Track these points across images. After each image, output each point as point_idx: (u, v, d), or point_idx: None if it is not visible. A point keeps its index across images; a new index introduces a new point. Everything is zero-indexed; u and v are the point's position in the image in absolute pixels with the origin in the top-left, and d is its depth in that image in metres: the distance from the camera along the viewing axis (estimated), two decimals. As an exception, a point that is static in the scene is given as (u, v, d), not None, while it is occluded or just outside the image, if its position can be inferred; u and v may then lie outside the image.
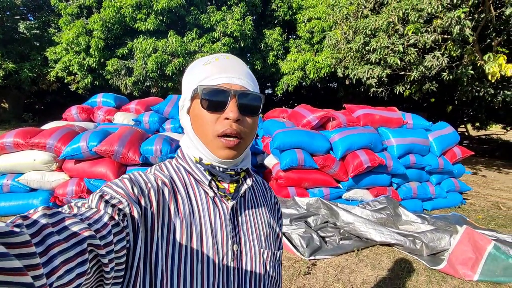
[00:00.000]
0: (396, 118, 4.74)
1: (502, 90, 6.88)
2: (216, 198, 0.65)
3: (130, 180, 0.57)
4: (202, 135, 0.62)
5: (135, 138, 3.75)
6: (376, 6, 7.04)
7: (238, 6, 10.27)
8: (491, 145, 15.63)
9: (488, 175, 8.46)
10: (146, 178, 0.60)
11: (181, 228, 0.58)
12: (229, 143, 0.60)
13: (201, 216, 0.62)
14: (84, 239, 0.40)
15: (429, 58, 5.57)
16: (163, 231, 0.57)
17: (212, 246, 0.61)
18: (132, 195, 0.55)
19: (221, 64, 0.62)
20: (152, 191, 0.58)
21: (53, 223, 0.38)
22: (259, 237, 0.70)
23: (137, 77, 9.69)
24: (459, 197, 5.01)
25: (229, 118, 0.59)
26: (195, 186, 0.65)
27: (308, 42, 11.52)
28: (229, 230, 0.64)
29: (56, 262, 0.35)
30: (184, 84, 0.66)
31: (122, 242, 0.48)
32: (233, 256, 0.64)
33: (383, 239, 3.30)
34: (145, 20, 9.41)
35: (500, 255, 2.86)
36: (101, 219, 0.46)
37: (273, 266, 0.72)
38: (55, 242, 0.36)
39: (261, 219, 0.73)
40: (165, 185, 0.61)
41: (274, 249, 0.73)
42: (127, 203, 0.52)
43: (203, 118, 0.61)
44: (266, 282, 0.69)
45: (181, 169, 0.67)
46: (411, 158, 4.53)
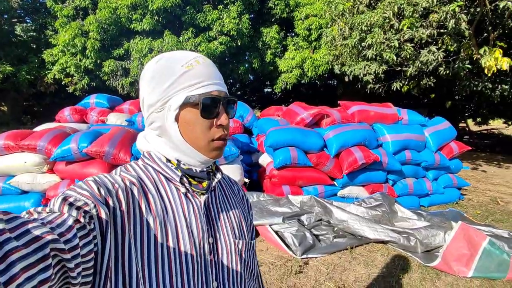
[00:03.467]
0: (391, 114, 4.70)
1: (500, 84, 6.82)
2: (189, 194, 0.65)
3: (95, 181, 0.55)
4: (195, 141, 0.63)
5: (126, 138, 3.73)
6: (372, 1, 6.97)
7: (235, 4, 10.22)
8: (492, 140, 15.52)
9: (488, 170, 8.39)
10: (112, 179, 0.58)
11: (155, 226, 0.57)
12: (220, 144, 0.64)
13: (174, 212, 0.61)
14: (46, 243, 0.38)
15: (425, 53, 5.51)
16: (136, 230, 0.55)
17: (189, 240, 0.60)
18: (99, 196, 0.53)
19: (205, 69, 0.62)
20: (120, 191, 0.56)
21: (11, 229, 0.36)
22: (232, 228, 0.71)
23: (134, 77, 9.68)
24: (457, 193, 4.97)
25: (223, 124, 0.63)
26: (165, 183, 0.64)
27: (306, 40, 11.46)
28: (204, 223, 0.65)
29: (15, 269, 0.33)
30: (152, 86, 0.62)
31: (89, 246, 0.46)
32: (209, 249, 0.64)
33: (377, 237, 3.26)
34: (140, 20, 9.38)
35: (495, 251, 2.82)
36: (65, 222, 0.44)
37: (249, 255, 0.73)
38: (14, 248, 0.34)
39: (233, 211, 0.74)
40: (133, 185, 0.60)
41: (248, 238, 0.74)
42: (94, 205, 0.50)
43: (198, 125, 0.62)
44: (243, 272, 0.70)
45: (149, 168, 0.66)
46: (406, 154, 4.49)
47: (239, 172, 3.80)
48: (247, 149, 4.87)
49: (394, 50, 6.00)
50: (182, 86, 0.60)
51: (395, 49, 5.97)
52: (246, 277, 0.70)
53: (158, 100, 0.62)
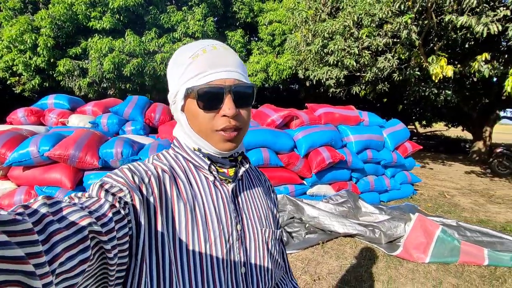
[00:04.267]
0: (354, 116, 5.02)
1: (444, 90, 7.60)
2: (217, 182, 0.67)
3: (130, 169, 0.58)
4: (201, 131, 0.63)
5: (93, 141, 3.55)
6: (333, 10, 7.39)
7: (199, 6, 10.16)
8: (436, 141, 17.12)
9: (434, 168, 9.27)
10: (145, 167, 0.61)
11: (185, 212, 0.59)
12: (229, 136, 0.62)
13: (203, 199, 0.63)
14: (85, 226, 0.40)
15: (381, 60, 5.98)
16: (168, 216, 0.57)
17: (218, 227, 0.62)
18: (133, 183, 0.55)
19: (210, 57, 0.60)
20: (152, 179, 0.58)
21: (54, 212, 0.39)
22: (259, 216, 0.72)
23: (93, 78, 9.15)
24: (411, 188, 5.44)
25: (227, 115, 0.60)
26: (194, 172, 0.66)
27: (270, 45, 11.74)
28: (232, 211, 0.66)
29: (57, 249, 0.35)
30: (171, 78, 0.65)
31: (124, 229, 0.48)
32: (237, 236, 0.65)
33: (346, 231, 3.47)
34: (100, 18, 8.92)
35: (447, 238, 3.16)
36: (102, 207, 0.47)
37: (274, 245, 0.74)
38: (56, 230, 0.36)
39: (259, 200, 0.75)
40: (165, 172, 0.62)
41: (274, 227, 0.75)
42: (128, 191, 0.53)
43: (199, 116, 0.61)
44: (269, 260, 0.71)
45: (179, 157, 0.68)
46: (368, 154, 4.83)
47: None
48: (217, 151, 4.86)
49: (354, 56, 6.42)
50: (186, 78, 0.61)
51: (355, 55, 6.39)
52: (272, 265, 0.72)
53: (172, 92, 0.65)
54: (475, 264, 3.02)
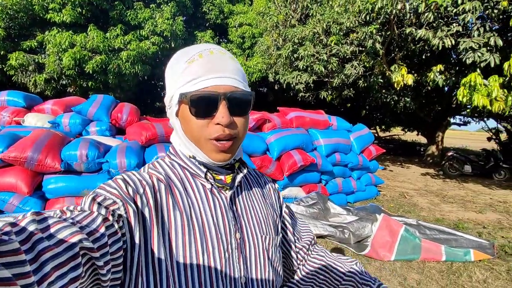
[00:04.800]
0: (323, 120, 5.20)
1: (403, 97, 8.14)
2: (214, 189, 0.65)
3: (124, 180, 0.56)
4: (194, 139, 0.61)
5: (54, 142, 3.30)
6: (303, 17, 7.61)
7: (168, 5, 9.92)
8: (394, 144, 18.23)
9: (394, 170, 9.86)
10: (140, 176, 0.59)
11: (182, 222, 0.58)
12: (223, 146, 0.60)
13: (200, 208, 0.62)
14: (76, 243, 0.39)
15: (348, 67, 6.26)
16: (164, 227, 0.56)
17: (216, 236, 0.60)
18: (127, 194, 0.54)
19: (206, 62, 0.58)
20: (147, 189, 0.57)
21: (43, 229, 0.38)
22: (259, 223, 0.70)
23: (50, 74, 8.51)
24: (375, 190, 5.74)
25: (221, 123, 0.57)
26: (191, 180, 0.64)
27: (240, 47, 11.78)
28: (230, 219, 0.64)
29: (47, 268, 0.34)
30: (167, 82, 0.64)
31: (117, 243, 0.47)
32: (236, 244, 0.63)
33: (317, 232, 3.57)
34: (59, 10, 8.34)
35: (409, 236, 3.38)
36: (94, 221, 0.45)
37: (274, 252, 0.72)
38: (46, 248, 0.35)
39: (259, 206, 0.73)
40: (160, 182, 0.60)
41: (274, 234, 0.73)
42: (122, 203, 0.51)
43: (192, 123, 0.59)
44: (270, 268, 0.69)
45: (175, 165, 0.66)
46: (336, 157, 5.01)
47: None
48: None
49: (322, 62, 6.66)
50: (181, 83, 0.59)
51: (324, 62, 6.63)
52: (273, 273, 0.69)
53: (168, 96, 0.63)
54: (434, 260, 3.25)
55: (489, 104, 4.95)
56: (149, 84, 14.58)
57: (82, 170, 3.34)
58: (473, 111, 9.26)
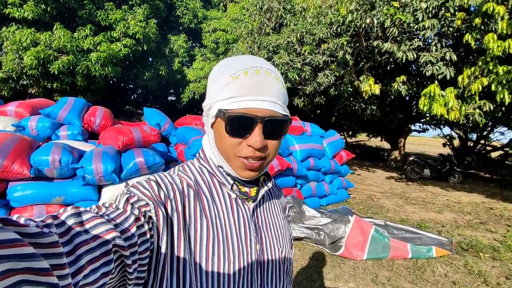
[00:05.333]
0: (298, 127, 5.39)
1: (370, 105, 8.63)
2: (239, 200, 0.67)
3: (157, 182, 0.58)
4: (224, 154, 0.62)
5: (21, 146, 3.13)
6: (277, 26, 7.84)
7: (141, 7, 9.72)
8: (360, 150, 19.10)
9: (362, 174, 10.36)
10: (171, 179, 0.60)
11: (207, 229, 0.59)
12: (251, 165, 0.60)
13: (225, 217, 0.63)
14: (110, 240, 0.41)
15: (321, 75, 6.55)
16: (190, 233, 0.57)
17: (238, 246, 0.62)
18: (158, 197, 0.55)
19: (249, 82, 0.57)
20: (177, 194, 0.59)
21: (81, 222, 0.40)
22: (277, 236, 0.72)
23: (8, 73, 7.95)
24: (346, 193, 6.03)
25: (253, 146, 0.58)
26: (218, 187, 0.66)
27: (214, 52, 11.78)
28: (252, 230, 0.66)
29: (82, 261, 0.36)
30: (209, 89, 0.64)
31: (146, 244, 0.48)
32: (256, 256, 0.65)
33: (295, 234, 3.70)
34: (20, 6, 7.85)
35: (379, 236, 3.61)
36: (127, 220, 0.47)
37: (289, 265, 0.74)
38: (83, 242, 0.37)
39: (277, 220, 0.75)
40: (190, 188, 0.62)
41: (289, 247, 0.75)
42: (153, 206, 0.53)
43: (225, 139, 0.60)
44: (285, 281, 0.71)
45: (204, 170, 0.67)
46: (311, 162, 5.21)
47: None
48: (165, 158, 4.70)
49: (296, 71, 6.90)
50: (221, 97, 0.59)
51: (297, 70, 6.87)
52: (287, 286, 0.72)
53: (207, 104, 0.64)
54: (402, 257, 3.51)
55: (446, 113, 5.43)
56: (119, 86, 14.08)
57: (54, 176, 3.19)
58: (432, 119, 10.04)
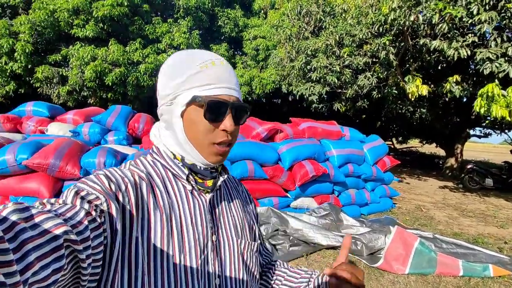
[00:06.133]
0: (336, 131, 5.19)
1: (419, 108, 8.01)
2: (195, 191, 0.66)
3: (106, 176, 0.56)
4: (196, 141, 0.63)
5: (74, 150, 3.46)
6: (316, 29, 7.71)
7: (185, 19, 10.28)
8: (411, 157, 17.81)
9: (411, 182, 9.61)
10: (122, 173, 0.59)
11: (161, 221, 0.58)
12: (222, 150, 0.64)
13: (180, 208, 0.63)
14: (60, 234, 0.39)
15: (362, 78, 6.26)
16: (143, 225, 0.56)
17: (193, 237, 0.62)
18: (110, 190, 0.54)
19: (218, 71, 0.62)
20: (129, 186, 0.57)
21: (25, 218, 0.37)
22: (235, 228, 0.72)
23: (73, 86, 8.93)
24: (390, 202, 5.62)
25: (227, 130, 0.61)
26: (172, 180, 0.65)
27: (254, 59, 11.98)
28: (208, 221, 0.66)
29: (30, 258, 0.34)
30: (171, 79, 0.63)
31: (99, 238, 0.47)
32: (212, 246, 0.65)
33: (329, 243, 3.53)
34: (83, 26, 8.81)
35: (425, 250, 3.29)
36: (77, 214, 0.45)
37: (250, 256, 0.73)
38: (29, 238, 0.35)
39: (236, 211, 0.75)
40: (142, 180, 0.61)
41: (250, 239, 0.75)
42: (105, 199, 0.51)
43: (200, 126, 0.62)
44: (244, 272, 0.70)
45: (157, 164, 0.67)
46: (349, 167, 4.97)
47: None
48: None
49: (335, 74, 6.68)
50: (193, 85, 0.60)
51: (337, 73, 6.66)
52: (248, 277, 0.71)
53: (169, 94, 0.63)
54: (451, 275, 3.14)
55: (508, 115, 4.82)
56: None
57: (99, 177, 3.47)
58: (493, 122, 9.00)
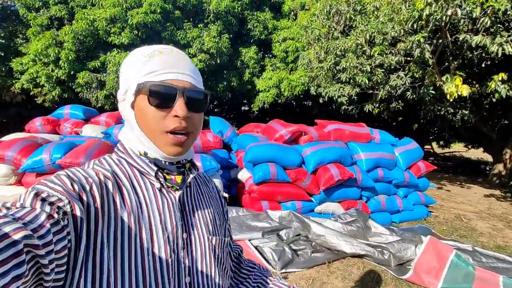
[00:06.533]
0: (365, 134, 4.95)
1: (460, 109, 7.42)
2: (163, 189, 0.64)
3: (68, 176, 0.54)
4: (149, 131, 0.61)
5: (103, 150, 3.63)
6: (346, 29, 7.46)
7: (215, 24, 10.48)
8: (454, 162, 16.56)
9: (452, 190, 8.91)
10: (85, 173, 0.57)
11: (129, 221, 0.56)
12: (178, 139, 0.61)
13: (148, 207, 0.61)
14: (19, 239, 0.37)
15: (394, 77, 5.92)
16: (109, 226, 0.54)
17: (163, 236, 0.60)
18: (72, 191, 0.51)
19: (166, 59, 0.61)
20: (94, 186, 0.55)
21: None
22: (206, 224, 0.71)
23: (109, 90, 9.48)
24: (425, 210, 5.24)
25: (178, 115, 0.59)
26: (139, 178, 0.63)
27: (283, 61, 11.90)
28: (178, 219, 0.64)
29: None
30: (122, 76, 0.64)
31: (62, 242, 0.45)
32: (183, 244, 0.64)
33: (353, 251, 3.35)
34: (119, 34, 9.33)
35: (461, 263, 2.99)
36: (38, 218, 0.43)
37: (222, 252, 0.73)
38: None
39: (207, 208, 0.74)
40: (107, 179, 0.59)
41: (221, 235, 0.75)
42: (68, 201, 0.48)
43: (150, 114, 0.59)
44: (217, 268, 0.70)
45: (123, 162, 0.65)
46: (379, 172, 4.71)
47: (219, 187, 3.79)
48: (226, 164, 4.88)
49: (366, 74, 6.40)
50: (141, 75, 0.59)
51: (367, 73, 6.37)
52: (219, 274, 0.70)
53: (122, 89, 0.63)
54: (492, 293, 2.83)
55: None
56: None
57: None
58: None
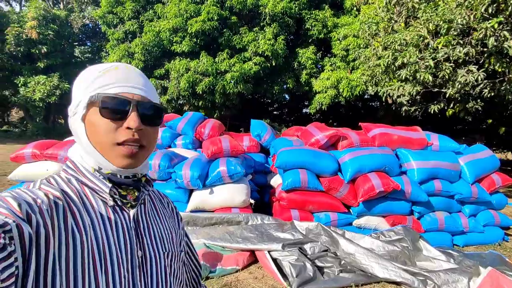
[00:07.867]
0: (418, 139, 4.27)
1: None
2: (116, 207, 0.63)
3: (14, 197, 0.51)
4: (99, 144, 0.59)
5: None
6: (408, 19, 6.63)
7: (271, 26, 10.46)
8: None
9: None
10: (33, 194, 0.54)
11: (81, 243, 0.54)
12: (130, 150, 0.59)
13: (101, 226, 0.59)
14: None
15: (462, 72, 5.00)
16: (60, 248, 0.52)
17: (116, 256, 0.59)
18: (20, 213, 0.48)
19: (120, 73, 0.61)
20: (43, 207, 0.52)
21: None
22: (162, 241, 0.70)
23: (171, 95, 10.25)
24: (500, 233, 4.27)
25: (131, 127, 0.58)
26: (90, 196, 0.61)
27: (343, 60, 11.23)
28: (133, 237, 0.63)
29: None
30: (77, 89, 0.62)
31: (9, 269, 0.42)
32: (138, 263, 0.62)
33: (387, 276, 2.89)
34: (180, 42, 10.01)
35: (533, 310, 2.32)
36: None
37: (178, 266, 0.73)
38: None
39: (162, 224, 0.73)
40: (57, 199, 0.56)
41: (177, 250, 0.74)
42: (15, 224, 0.46)
43: (101, 126, 0.58)
44: (172, 283, 0.70)
45: (72, 180, 0.62)
46: (436, 184, 4.01)
47: (244, 192, 3.70)
48: (262, 169, 4.76)
49: (429, 70, 5.56)
50: (93, 87, 0.59)
51: (431, 69, 5.53)
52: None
53: (74, 104, 0.62)
54: None
55: None
56: (255, 102, 15.57)
57: (155, 178, 3.78)
58: None
